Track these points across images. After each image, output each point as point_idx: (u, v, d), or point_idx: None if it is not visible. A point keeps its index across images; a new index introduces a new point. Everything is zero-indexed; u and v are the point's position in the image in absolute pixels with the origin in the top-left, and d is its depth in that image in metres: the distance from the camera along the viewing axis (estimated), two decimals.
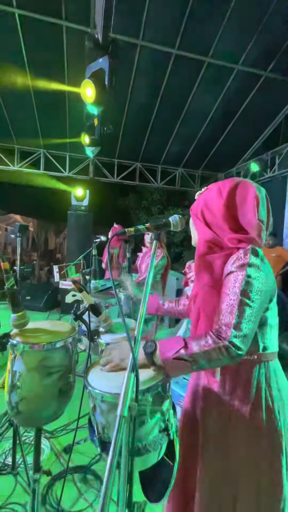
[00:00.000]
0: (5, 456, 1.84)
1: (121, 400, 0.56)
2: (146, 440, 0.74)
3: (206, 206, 0.92)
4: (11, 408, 0.86)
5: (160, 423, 0.77)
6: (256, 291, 0.76)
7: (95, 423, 0.78)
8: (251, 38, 4.08)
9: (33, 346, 0.86)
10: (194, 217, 0.97)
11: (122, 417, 0.54)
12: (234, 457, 0.81)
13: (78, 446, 1.94)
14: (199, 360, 0.71)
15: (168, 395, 0.81)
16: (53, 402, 0.88)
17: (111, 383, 0.75)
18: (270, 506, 0.77)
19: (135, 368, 0.60)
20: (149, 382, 0.75)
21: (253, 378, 0.82)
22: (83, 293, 1.10)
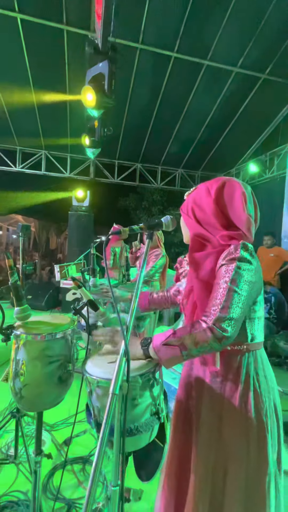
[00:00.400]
0: (8, 447, 1.91)
1: (113, 379, 0.63)
2: (138, 422, 0.81)
3: (196, 204, 0.96)
4: (15, 393, 0.93)
5: (151, 407, 0.84)
6: (245, 281, 0.80)
7: (91, 407, 0.85)
8: (249, 41, 4.14)
9: (35, 336, 0.93)
10: (185, 216, 1.01)
11: (113, 394, 0.61)
12: (226, 437, 0.87)
13: (78, 438, 2.02)
14: (186, 344, 0.75)
15: (159, 382, 0.87)
16: (53, 388, 0.96)
17: (106, 370, 0.82)
18: (257, 479, 0.83)
19: (127, 353, 0.67)
20: (142, 368, 0.82)
21: (242, 366, 0.88)
22: (82, 289, 1.17)
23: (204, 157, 6.47)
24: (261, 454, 0.84)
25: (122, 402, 0.67)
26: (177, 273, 1.16)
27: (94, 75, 2.75)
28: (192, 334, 0.76)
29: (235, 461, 0.84)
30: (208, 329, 0.75)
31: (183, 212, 1.03)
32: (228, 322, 0.76)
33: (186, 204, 1.02)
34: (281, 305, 3.98)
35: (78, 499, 1.57)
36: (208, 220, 0.93)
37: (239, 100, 5.06)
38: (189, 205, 0.99)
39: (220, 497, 0.84)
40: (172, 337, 0.78)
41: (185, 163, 6.67)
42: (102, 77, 2.72)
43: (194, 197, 0.98)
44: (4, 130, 5.42)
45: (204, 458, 0.87)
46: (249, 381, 0.87)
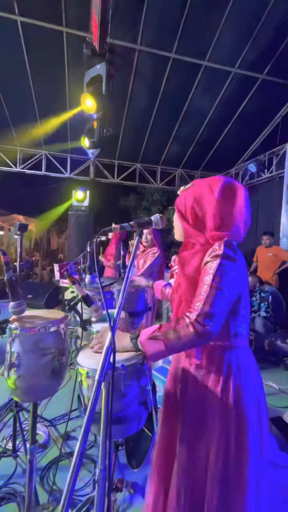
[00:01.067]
0: (7, 441, 1.95)
1: (99, 367, 0.66)
2: (126, 411, 0.85)
3: (197, 202, 0.94)
4: (10, 384, 0.97)
5: (139, 397, 0.88)
6: (227, 277, 0.82)
7: (82, 396, 0.89)
8: (247, 41, 4.17)
9: (29, 329, 0.98)
10: (180, 214, 1.00)
11: (99, 381, 0.64)
12: (208, 428, 0.90)
13: (76, 433, 2.06)
14: (170, 338, 0.79)
15: (147, 373, 0.91)
16: (47, 380, 1.00)
17: (95, 361, 0.86)
18: (237, 469, 0.86)
19: (113, 343, 0.71)
20: (129, 360, 0.86)
21: (224, 361, 0.91)
22: (76, 285, 1.21)
23: (203, 157, 6.50)
24: (241, 446, 0.87)
25: (108, 390, 0.71)
26: (171, 270, 1.20)
27: (92, 76, 2.79)
28: (176, 329, 0.79)
29: (215, 450, 0.87)
30: (190, 324, 0.78)
31: (179, 210, 1.01)
32: (210, 317, 0.78)
33: (183, 201, 0.99)
34: (278, 304, 4.01)
35: (75, 491, 1.61)
36: (205, 219, 0.94)
37: (238, 100, 5.09)
38: (188, 202, 0.97)
39: (202, 485, 0.87)
40: (157, 331, 0.82)
41: (184, 163, 6.71)
42: (100, 79, 2.76)
43: (194, 194, 0.96)
44: (5, 131, 5.48)
45: (187, 448, 0.91)
46: (230, 376, 0.90)
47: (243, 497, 0.84)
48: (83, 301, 1.20)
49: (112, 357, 0.68)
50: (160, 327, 0.83)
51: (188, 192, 0.99)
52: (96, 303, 1.25)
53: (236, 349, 0.92)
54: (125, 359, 0.84)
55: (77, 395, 0.95)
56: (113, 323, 0.74)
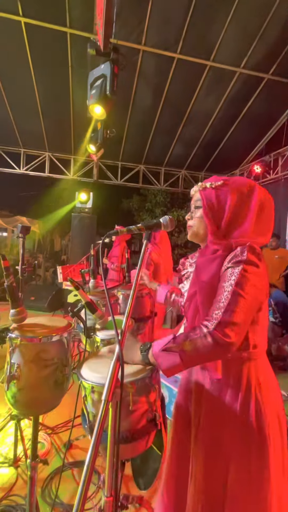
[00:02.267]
0: (8, 450, 1.89)
1: (106, 385, 0.60)
2: (134, 429, 0.78)
3: (235, 205, 0.86)
4: (9, 397, 0.92)
5: (147, 414, 0.81)
6: (251, 285, 0.76)
7: (86, 412, 0.82)
8: (252, 41, 4.11)
9: (31, 339, 0.92)
10: (210, 213, 0.89)
11: (106, 401, 0.58)
12: (226, 447, 0.83)
13: (78, 441, 1.99)
14: (186, 350, 0.71)
15: (155, 388, 0.85)
16: (49, 392, 0.94)
17: (101, 375, 0.80)
18: (258, 491, 0.79)
19: (120, 358, 0.65)
20: (137, 374, 0.79)
21: (243, 374, 0.84)
22: (80, 291, 1.15)
23: (207, 158, 6.44)
24: (262, 465, 0.80)
25: (116, 409, 0.64)
26: (180, 274, 1.12)
27: (96, 76, 2.75)
28: (193, 340, 0.72)
29: (235, 471, 0.80)
30: (209, 334, 0.71)
31: (209, 209, 0.88)
32: (231, 327, 0.71)
33: (215, 200, 0.88)
34: (286, 308, 3.92)
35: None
36: (238, 225, 0.86)
37: (243, 100, 5.02)
38: (224, 203, 0.87)
39: (220, 508, 0.81)
40: (172, 342, 0.74)
41: (188, 165, 6.65)
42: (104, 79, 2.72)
43: (231, 196, 0.87)
44: (9, 133, 5.48)
45: (203, 468, 0.84)
46: (250, 390, 0.83)
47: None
48: (87, 308, 1.14)
49: (120, 374, 0.62)
50: (174, 337, 0.76)
51: (222, 192, 0.88)
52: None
53: (255, 361, 0.85)
54: (133, 373, 0.78)
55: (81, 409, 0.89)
56: (121, 335, 0.68)
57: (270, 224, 0.91)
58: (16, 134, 5.55)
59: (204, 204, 0.90)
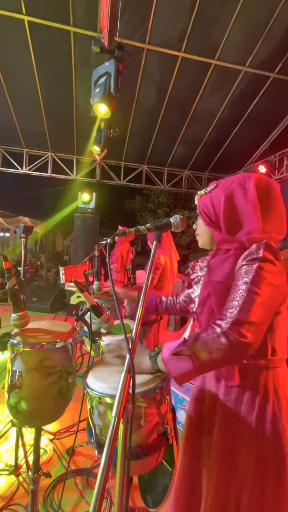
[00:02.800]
0: (9, 456, 1.84)
1: (116, 400, 0.55)
2: (144, 444, 0.73)
3: (229, 204, 0.83)
4: (10, 408, 0.86)
5: (158, 427, 0.76)
6: (267, 283, 0.71)
7: (92, 425, 0.77)
8: (258, 39, 4.05)
9: (33, 345, 0.86)
10: (207, 220, 0.88)
11: (116, 417, 0.53)
12: (241, 463, 0.77)
13: (82, 448, 1.94)
14: (198, 353, 0.65)
15: (167, 399, 0.79)
16: (52, 403, 0.88)
17: (109, 385, 0.74)
18: (275, 503, 0.73)
19: (132, 369, 0.59)
20: (148, 384, 0.74)
21: (260, 384, 0.78)
22: (85, 294, 1.10)
23: (211, 158, 6.38)
24: (280, 484, 0.74)
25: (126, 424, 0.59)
26: (189, 279, 1.06)
27: (100, 74, 2.71)
28: (205, 341, 0.66)
29: (250, 490, 0.74)
30: (222, 334, 0.64)
31: (206, 215, 0.88)
32: (248, 326, 0.65)
33: (210, 205, 0.87)
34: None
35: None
36: (240, 222, 0.82)
37: (248, 100, 4.96)
38: (218, 205, 0.84)
39: None
40: (182, 345, 0.68)
41: (192, 165, 6.59)
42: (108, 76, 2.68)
43: (224, 195, 0.84)
44: (11, 133, 5.45)
45: (216, 483, 0.78)
46: (267, 402, 0.77)
47: None
48: (92, 311, 1.09)
49: (132, 388, 0.56)
50: (184, 340, 0.70)
51: (215, 195, 0.87)
52: None
53: (274, 370, 0.79)
54: (143, 384, 0.72)
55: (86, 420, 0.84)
56: (131, 344, 0.63)
57: (283, 215, 0.85)
58: (19, 134, 5.53)
59: (200, 211, 0.91)
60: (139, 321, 0.69)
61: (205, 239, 0.94)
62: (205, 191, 0.92)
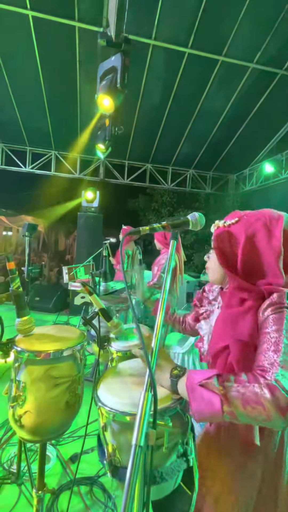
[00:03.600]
0: (11, 463, 1.77)
1: (136, 426, 0.47)
2: (163, 468, 0.65)
3: (251, 246, 0.74)
4: (14, 421, 0.79)
5: (178, 448, 0.68)
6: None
7: (105, 443, 0.69)
8: (266, 35, 3.96)
9: (39, 354, 0.79)
10: (223, 258, 0.79)
11: (138, 446, 0.45)
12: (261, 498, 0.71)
13: (85, 455, 1.86)
14: (231, 396, 0.56)
15: (187, 416, 0.71)
16: (59, 416, 0.81)
17: (123, 400, 0.67)
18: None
19: (153, 387, 0.51)
20: (167, 400, 0.66)
21: (279, 444, 0.72)
22: (93, 297, 1.03)
23: (216, 157, 6.28)
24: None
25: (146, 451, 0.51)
26: (196, 312, 0.99)
27: (106, 69, 2.63)
28: (244, 387, 0.56)
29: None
30: (266, 385, 0.54)
31: (223, 253, 0.79)
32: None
33: (228, 242, 0.78)
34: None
35: None
36: (260, 268, 0.74)
37: (255, 97, 4.87)
38: (237, 244, 0.76)
39: None
40: (213, 379, 0.59)
41: (196, 164, 6.51)
42: (114, 71, 2.60)
43: (245, 235, 0.75)
44: (15, 131, 5.40)
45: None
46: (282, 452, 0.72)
47: None
48: (101, 315, 1.01)
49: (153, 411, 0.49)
50: (218, 374, 0.60)
51: (235, 231, 0.78)
52: None
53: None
54: (163, 399, 0.64)
55: (96, 435, 0.76)
56: (152, 357, 0.55)
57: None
58: (22, 133, 5.47)
59: (214, 245, 0.81)
60: (158, 328, 0.61)
61: (217, 277, 0.85)
62: (224, 223, 0.81)
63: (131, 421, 0.59)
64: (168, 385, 0.67)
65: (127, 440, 0.63)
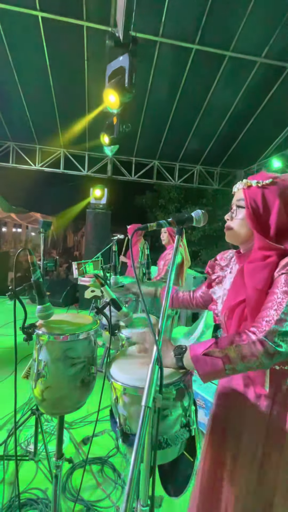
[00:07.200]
0: (28, 443, 1.91)
1: (145, 391, 0.56)
2: (168, 435, 0.74)
3: (281, 208, 0.77)
4: (36, 395, 0.90)
5: (181, 419, 0.77)
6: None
7: (116, 414, 0.79)
8: (274, 29, 3.91)
9: (58, 336, 0.89)
10: (255, 217, 0.80)
11: (146, 407, 0.54)
12: (271, 469, 0.77)
13: (96, 438, 1.99)
14: (231, 356, 0.67)
15: (190, 392, 0.80)
16: (75, 392, 0.91)
17: (133, 376, 0.76)
18: None
19: (160, 360, 0.60)
20: (172, 376, 0.75)
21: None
22: (104, 288, 1.12)
23: (224, 152, 6.26)
24: None
25: (154, 414, 0.60)
26: (209, 278, 1.04)
27: (114, 69, 2.69)
28: (239, 345, 0.67)
29: (283, 495, 0.74)
30: (258, 341, 0.66)
31: (255, 212, 0.80)
32: (283, 337, 0.67)
33: (261, 201, 0.79)
34: None
35: (97, 501, 1.54)
36: (287, 230, 0.77)
37: (263, 92, 4.82)
38: (273, 205, 0.78)
39: None
40: (214, 347, 0.69)
41: (204, 160, 6.50)
42: (122, 71, 2.66)
43: (282, 196, 0.78)
44: (25, 130, 5.52)
45: (245, 492, 0.78)
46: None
47: None
48: (112, 305, 1.11)
49: (160, 380, 0.58)
50: (216, 342, 0.70)
51: (270, 192, 0.79)
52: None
53: None
54: (168, 376, 0.73)
55: (109, 410, 0.86)
56: (158, 336, 0.64)
57: None
58: (32, 131, 5.59)
59: (247, 205, 0.81)
60: (164, 314, 0.70)
61: (239, 234, 0.86)
62: (257, 183, 0.81)
63: (140, 394, 0.68)
64: (174, 362, 0.75)
65: (137, 410, 0.72)
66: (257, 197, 0.80)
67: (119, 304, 1.13)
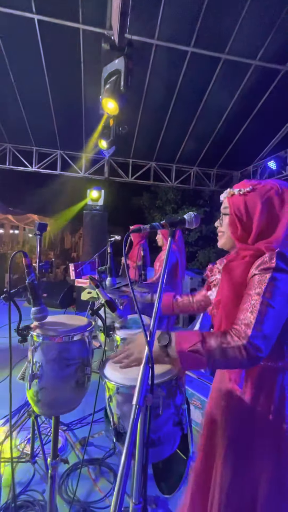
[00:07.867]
0: (24, 445, 1.91)
1: (136, 389, 0.58)
2: (160, 433, 0.76)
3: (266, 212, 0.82)
4: (31, 396, 0.91)
5: (174, 417, 0.78)
6: (281, 293, 0.73)
7: (111, 414, 0.80)
8: (269, 32, 3.96)
9: (52, 338, 0.90)
10: (239, 222, 0.85)
11: (137, 406, 0.56)
12: (258, 460, 0.80)
13: (93, 439, 1.99)
14: (215, 357, 0.70)
15: (182, 390, 0.82)
16: (70, 393, 0.92)
17: (126, 376, 0.77)
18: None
19: (151, 360, 0.62)
20: (164, 375, 0.77)
21: (276, 386, 0.80)
22: (99, 289, 1.13)
23: (220, 154, 6.31)
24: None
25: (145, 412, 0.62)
26: (208, 281, 1.08)
27: (110, 72, 2.72)
28: (224, 349, 0.70)
29: (267, 483, 0.76)
30: (242, 347, 0.69)
31: (238, 218, 0.85)
32: (262, 340, 0.70)
33: (243, 208, 0.84)
34: None
35: (93, 502, 1.54)
36: (271, 232, 0.82)
37: (258, 94, 4.87)
38: (254, 210, 0.83)
39: None
40: (200, 346, 0.72)
41: (200, 161, 6.54)
42: (118, 74, 2.68)
43: (261, 201, 0.82)
44: (22, 131, 5.53)
45: (230, 480, 0.81)
46: (284, 403, 0.80)
47: None
48: (107, 306, 1.12)
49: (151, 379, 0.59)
50: (203, 340, 0.72)
51: (250, 198, 0.84)
52: (119, 308, 1.17)
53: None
54: (161, 374, 0.75)
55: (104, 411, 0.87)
56: (149, 336, 0.65)
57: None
58: (28, 133, 5.60)
59: (231, 212, 0.88)
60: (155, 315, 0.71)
61: (227, 240, 0.93)
62: (239, 191, 0.87)
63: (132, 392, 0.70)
64: (157, 350, 0.74)
65: (130, 409, 0.74)
66: (239, 204, 0.85)
67: (114, 306, 1.14)
